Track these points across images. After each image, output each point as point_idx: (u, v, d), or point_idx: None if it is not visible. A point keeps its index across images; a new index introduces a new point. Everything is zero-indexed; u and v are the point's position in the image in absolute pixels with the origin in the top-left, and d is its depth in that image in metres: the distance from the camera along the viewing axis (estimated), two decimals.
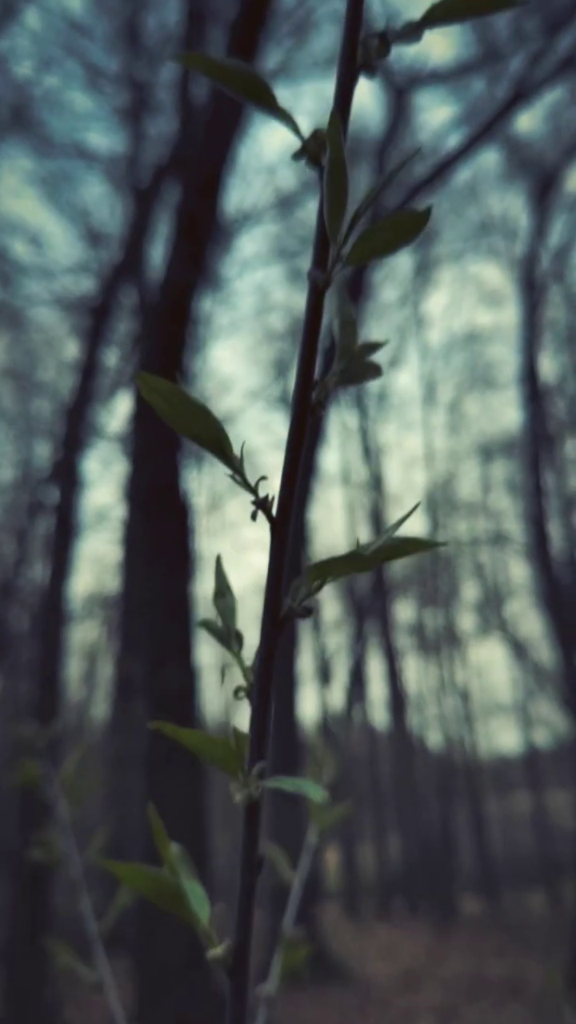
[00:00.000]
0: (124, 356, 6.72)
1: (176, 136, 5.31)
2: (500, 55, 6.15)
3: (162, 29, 5.42)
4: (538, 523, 7.24)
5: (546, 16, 5.92)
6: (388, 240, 0.23)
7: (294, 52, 6.14)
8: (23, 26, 4.81)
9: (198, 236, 4.94)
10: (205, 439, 0.24)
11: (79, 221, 6.03)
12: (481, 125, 5.95)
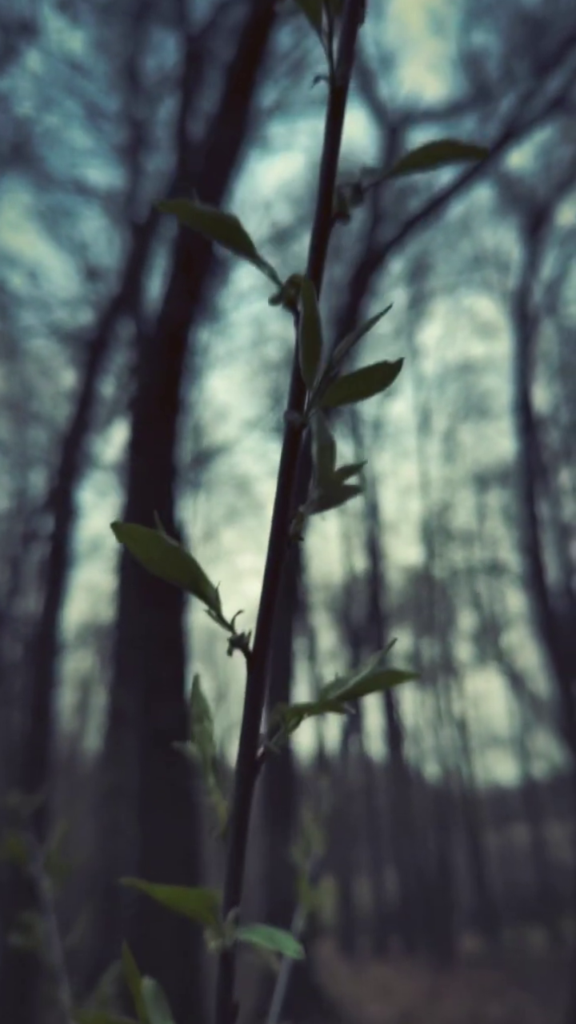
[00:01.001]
0: (121, 386, 6.76)
1: (174, 172, 5.40)
2: (491, 95, 6.29)
3: (160, 69, 5.54)
4: (534, 553, 7.24)
5: (535, 59, 6.07)
6: (361, 388, 0.23)
7: (290, 90, 6.28)
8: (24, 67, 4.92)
9: (195, 270, 5.01)
10: (182, 579, 0.24)
11: (77, 254, 6.10)
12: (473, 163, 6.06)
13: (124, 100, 5.52)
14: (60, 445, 6.30)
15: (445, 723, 9.51)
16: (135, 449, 5.90)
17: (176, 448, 5.67)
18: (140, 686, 4.64)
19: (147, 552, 0.24)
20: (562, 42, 5.90)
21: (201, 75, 5.47)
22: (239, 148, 5.26)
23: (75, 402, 6.25)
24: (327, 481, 0.26)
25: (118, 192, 5.74)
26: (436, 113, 6.38)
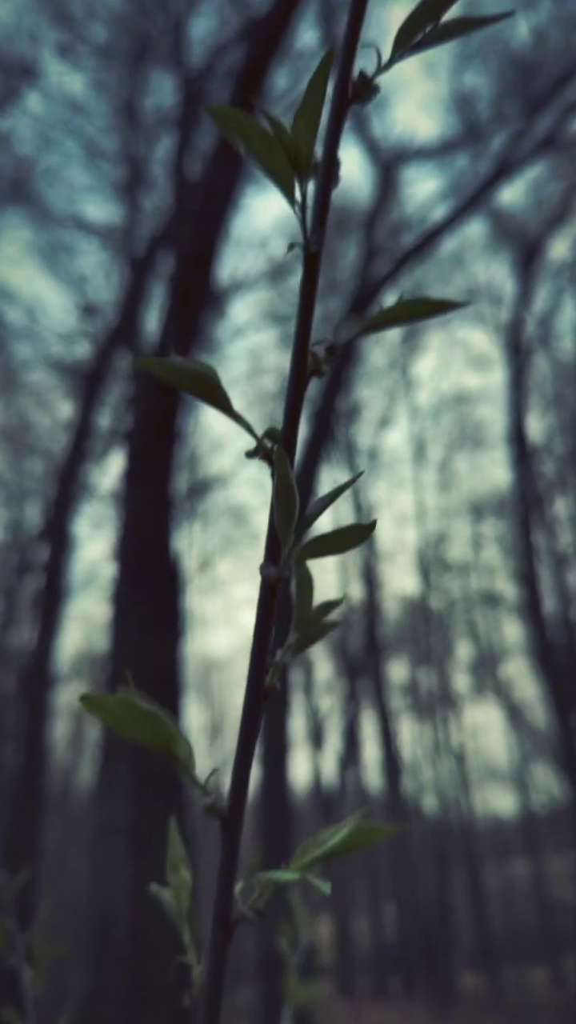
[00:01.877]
0: (117, 418, 6.79)
1: (171, 209, 5.49)
2: (483, 134, 6.42)
3: (158, 109, 5.65)
4: (530, 583, 7.23)
5: (525, 99, 6.21)
6: (336, 545, 0.23)
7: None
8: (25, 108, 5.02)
9: (191, 305, 5.06)
10: (155, 743, 0.24)
11: (76, 288, 6.17)
12: (465, 199, 6.17)
13: (122, 139, 5.62)
14: (56, 476, 6.31)
15: (443, 755, 9.42)
16: (131, 480, 5.90)
17: (172, 479, 5.68)
18: None
19: (119, 719, 0.24)
20: (551, 83, 6.05)
21: (198, 115, 5.58)
22: (235, 185, 5.34)
23: (71, 433, 6.27)
24: (306, 621, 0.26)
25: (116, 228, 5.82)
26: (429, 151, 6.51)
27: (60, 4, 5.50)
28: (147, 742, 0.24)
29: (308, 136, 0.21)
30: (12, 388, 6.62)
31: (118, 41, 5.60)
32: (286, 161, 0.21)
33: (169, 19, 5.66)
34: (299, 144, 0.21)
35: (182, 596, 5.52)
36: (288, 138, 0.21)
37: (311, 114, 0.21)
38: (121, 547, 6.09)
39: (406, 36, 0.22)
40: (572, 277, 7.07)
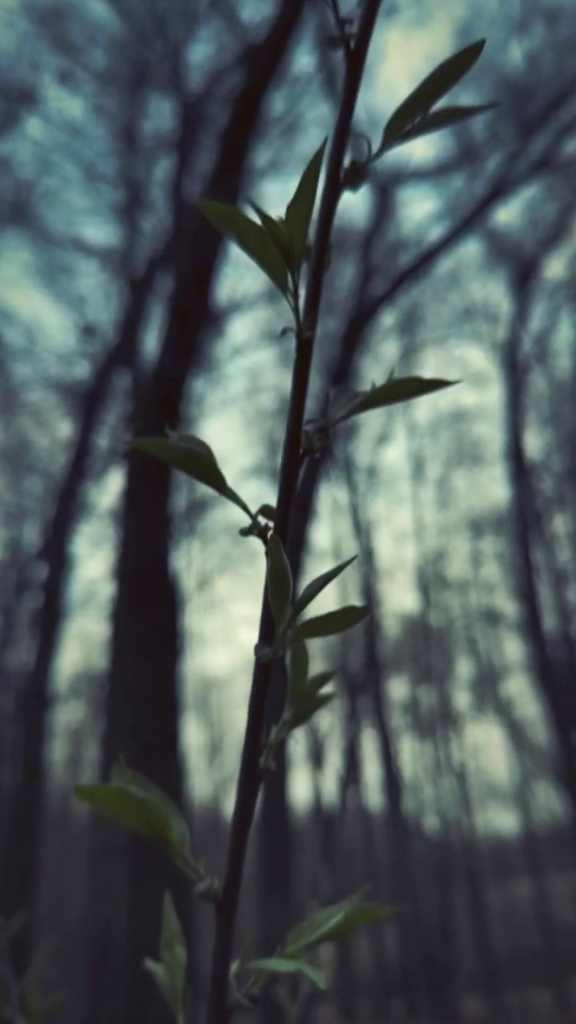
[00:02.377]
0: (116, 437, 6.80)
1: (169, 231, 5.54)
2: (478, 156, 6.49)
3: (157, 133, 5.72)
4: (530, 600, 7.22)
5: (520, 122, 6.29)
6: (331, 626, 0.23)
7: (283, 150, 6.48)
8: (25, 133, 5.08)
9: (190, 326, 5.09)
10: (148, 831, 0.24)
11: (75, 309, 6.20)
12: (461, 219, 6.23)
13: (121, 162, 5.68)
14: (55, 495, 6.31)
15: (444, 774, 9.35)
16: (130, 499, 5.91)
17: (171, 497, 5.68)
18: (132, 741, 4.57)
19: (113, 809, 0.23)
20: (545, 106, 6.13)
21: (197, 138, 5.65)
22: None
23: (70, 452, 6.28)
24: (301, 696, 0.26)
25: (115, 249, 5.87)
26: (425, 173, 6.58)
27: (61, 31, 5.58)
28: (141, 830, 0.24)
29: (300, 231, 0.22)
30: (11, 408, 6.64)
31: (117, 67, 5.68)
32: (278, 254, 0.22)
33: (168, 45, 5.74)
34: (291, 238, 0.21)
35: (181, 615, 5.50)
36: (280, 232, 0.21)
37: (303, 209, 0.22)
38: (120, 566, 6.09)
39: (397, 126, 0.23)
40: (568, 296, 7.13)
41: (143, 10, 5.70)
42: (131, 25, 5.76)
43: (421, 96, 0.22)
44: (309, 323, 0.23)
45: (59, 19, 5.61)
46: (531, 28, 5.95)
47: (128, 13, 5.74)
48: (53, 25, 5.55)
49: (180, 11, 5.74)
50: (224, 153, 5.34)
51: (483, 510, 8.86)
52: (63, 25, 5.59)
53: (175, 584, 5.52)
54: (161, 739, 4.49)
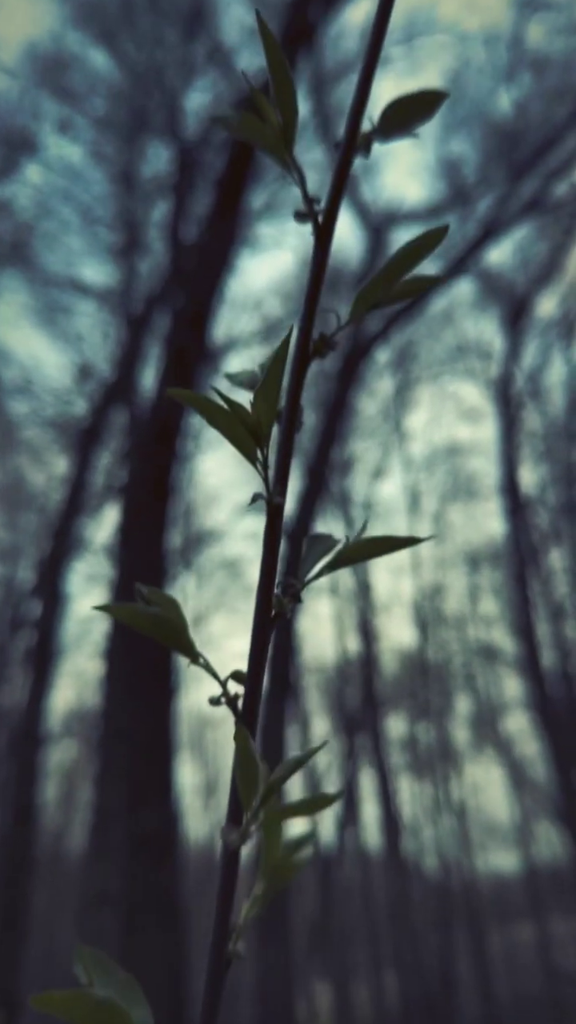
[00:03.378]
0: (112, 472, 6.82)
1: (167, 271, 5.62)
2: (469, 198, 6.62)
3: (154, 177, 5.83)
4: (527, 636, 7.19)
5: (510, 165, 6.44)
6: (302, 811, 0.23)
7: (279, 193, 6.61)
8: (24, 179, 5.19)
9: (187, 364, 5.14)
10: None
11: (72, 346, 6.26)
12: (454, 260, 6.34)
13: (119, 205, 5.79)
14: (49, 532, 6.30)
15: (444, 813, 9.21)
16: (125, 535, 5.90)
17: (166, 534, 5.67)
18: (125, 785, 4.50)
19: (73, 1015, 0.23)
20: (534, 151, 6.28)
21: (193, 182, 5.77)
22: (230, 249, 5.48)
23: (66, 489, 6.29)
24: (273, 869, 0.25)
25: (113, 289, 5.95)
26: (417, 214, 6.70)
27: (61, 80, 5.72)
28: None
29: (268, 413, 0.22)
30: (7, 445, 6.66)
31: (116, 114, 5.82)
32: (247, 434, 0.22)
33: (165, 93, 5.89)
34: (259, 420, 0.22)
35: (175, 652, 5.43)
36: (248, 416, 0.22)
37: (271, 394, 0.22)
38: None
39: (365, 301, 0.23)
40: (560, 333, 7.22)
41: (142, 60, 5.86)
42: (130, 74, 5.91)
43: (389, 271, 0.23)
44: (280, 489, 0.23)
45: (60, 68, 5.76)
46: (519, 77, 6.12)
47: (127, 63, 5.90)
48: (54, 74, 5.70)
49: (178, 61, 5.90)
50: (220, 197, 5.45)
51: (480, 544, 8.86)
52: (64, 74, 5.74)
53: None
54: (155, 779, 4.43)
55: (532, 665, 7.03)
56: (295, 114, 0.23)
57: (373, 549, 0.24)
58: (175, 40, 5.92)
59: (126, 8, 5.82)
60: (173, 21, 5.90)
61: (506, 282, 7.19)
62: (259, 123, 0.24)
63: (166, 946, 4.11)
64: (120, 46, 5.86)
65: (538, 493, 7.90)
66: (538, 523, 7.85)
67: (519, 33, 6.04)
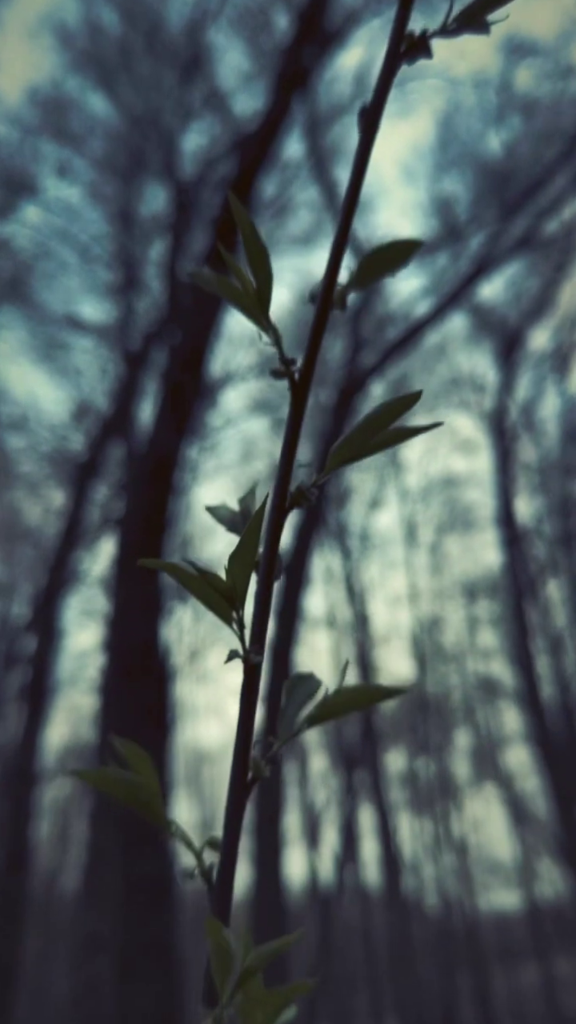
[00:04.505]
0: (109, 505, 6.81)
1: (164, 309, 5.68)
2: (461, 236, 6.74)
3: (152, 216, 5.93)
4: (526, 668, 7.14)
5: (501, 203, 6.56)
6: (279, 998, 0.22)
7: (274, 231, 6.72)
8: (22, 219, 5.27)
9: (184, 400, 5.17)
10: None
11: (70, 381, 6.31)
12: (447, 295, 6.42)
13: (117, 244, 5.87)
14: (44, 566, 6.28)
15: (445, 850, 9.06)
16: (121, 568, 5.88)
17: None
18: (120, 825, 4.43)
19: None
20: (524, 190, 6.41)
21: (190, 221, 5.86)
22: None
23: (62, 523, 6.28)
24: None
25: (110, 326, 6.01)
26: None
27: (60, 122, 5.84)
28: None
29: (243, 577, 0.22)
30: (3, 480, 6.67)
31: (114, 155, 5.93)
32: (222, 599, 0.22)
33: (163, 135, 6.01)
34: (234, 584, 0.21)
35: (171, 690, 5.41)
36: (221, 583, 0.21)
37: (246, 557, 0.22)
38: (110, 638, 6.01)
39: (341, 455, 0.23)
40: (552, 367, 7.30)
41: (140, 103, 5.99)
42: (128, 117, 6.04)
43: (364, 430, 0.23)
44: (256, 648, 0.23)
45: (60, 112, 5.89)
46: (508, 120, 6.27)
47: (125, 106, 6.03)
48: (54, 117, 5.83)
49: (175, 104, 6.03)
50: (216, 236, 5.54)
51: (477, 575, 8.84)
52: (63, 117, 5.86)
53: (166, 656, 5.45)
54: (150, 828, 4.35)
55: (531, 698, 6.97)
56: (270, 282, 0.24)
57: (358, 699, 0.24)
58: (172, 84, 6.06)
59: (125, 53, 5.97)
60: (170, 66, 6.05)
61: (499, 316, 7.29)
62: (236, 288, 0.24)
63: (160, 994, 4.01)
64: (119, 90, 6.00)
65: (535, 524, 7.92)
66: (535, 554, 7.85)
67: (508, 78, 6.20)
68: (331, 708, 0.24)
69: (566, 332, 7.23)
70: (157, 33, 5.81)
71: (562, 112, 6.14)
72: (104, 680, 6.44)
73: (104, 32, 5.79)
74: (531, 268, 7.14)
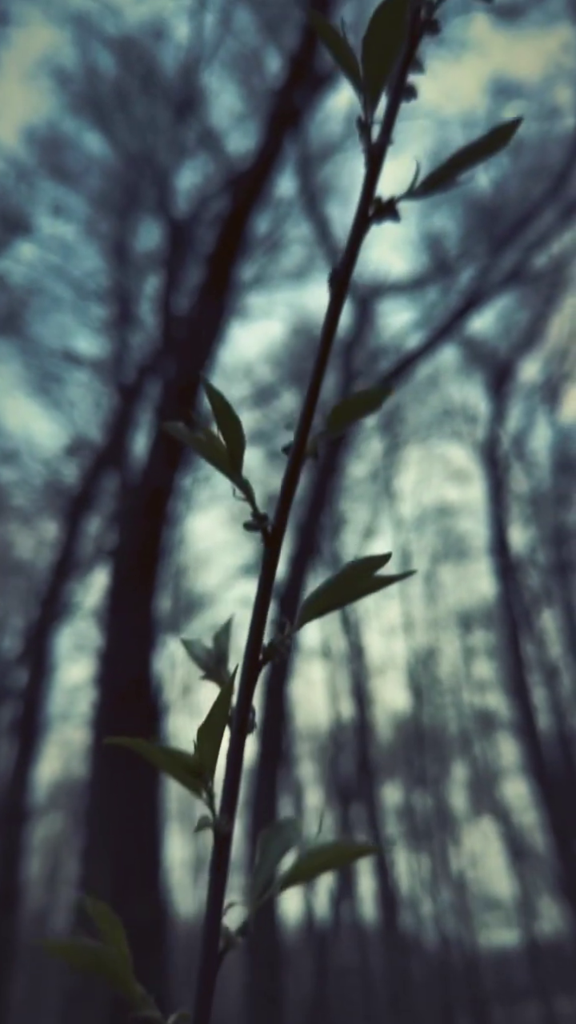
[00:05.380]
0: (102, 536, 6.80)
1: (158, 343, 5.73)
2: (452, 270, 6.84)
3: (146, 253, 6.01)
4: (522, 698, 7.10)
5: (490, 239, 6.68)
6: None
7: (267, 266, 6.81)
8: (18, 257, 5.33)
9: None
10: None
11: (64, 414, 6.33)
12: (438, 329, 6.50)
13: (112, 279, 5.94)
14: (37, 599, 6.24)
15: (442, 884, 8.91)
16: (114, 599, 5.84)
17: (156, 601, 5.63)
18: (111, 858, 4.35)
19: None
20: (512, 226, 6.52)
21: (184, 257, 5.94)
22: (221, 321, 5.60)
23: (54, 555, 6.25)
24: None
25: (105, 360, 6.05)
26: (402, 286, 6.90)
27: (57, 161, 5.94)
28: None
29: (211, 752, 0.22)
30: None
31: (110, 192, 6.02)
32: (189, 775, 0.22)
33: (157, 173, 6.11)
34: (202, 760, 0.21)
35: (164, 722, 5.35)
36: (190, 760, 0.21)
37: (213, 733, 0.22)
38: (102, 672, 5.95)
39: (310, 612, 0.23)
40: (543, 398, 7.37)
41: (135, 143, 6.10)
42: (123, 155, 6.15)
43: (335, 588, 0.23)
44: (227, 818, 0.22)
45: (57, 151, 5.99)
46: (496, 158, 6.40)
47: (121, 145, 6.14)
48: (51, 156, 5.92)
49: (170, 143, 6.14)
50: (211, 271, 5.61)
51: (472, 605, 8.82)
52: (60, 156, 5.96)
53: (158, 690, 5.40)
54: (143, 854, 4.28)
55: (528, 729, 6.92)
56: (242, 446, 0.24)
57: (331, 859, 0.24)
58: (167, 124, 6.18)
59: (121, 95, 6.09)
60: (165, 106, 6.18)
61: (489, 349, 7.37)
62: (210, 446, 0.24)
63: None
64: (115, 130, 6.11)
65: (528, 554, 7.92)
66: (529, 583, 7.84)
67: (495, 118, 6.35)
68: (304, 871, 0.23)
69: (555, 364, 7.31)
70: (152, 75, 5.94)
71: (548, 151, 6.28)
72: (96, 714, 6.36)
73: (100, 75, 5.92)
74: (521, 301, 7.25)
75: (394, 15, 0.20)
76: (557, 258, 6.48)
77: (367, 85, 0.22)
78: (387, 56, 0.21)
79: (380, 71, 0.22)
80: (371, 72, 0.22)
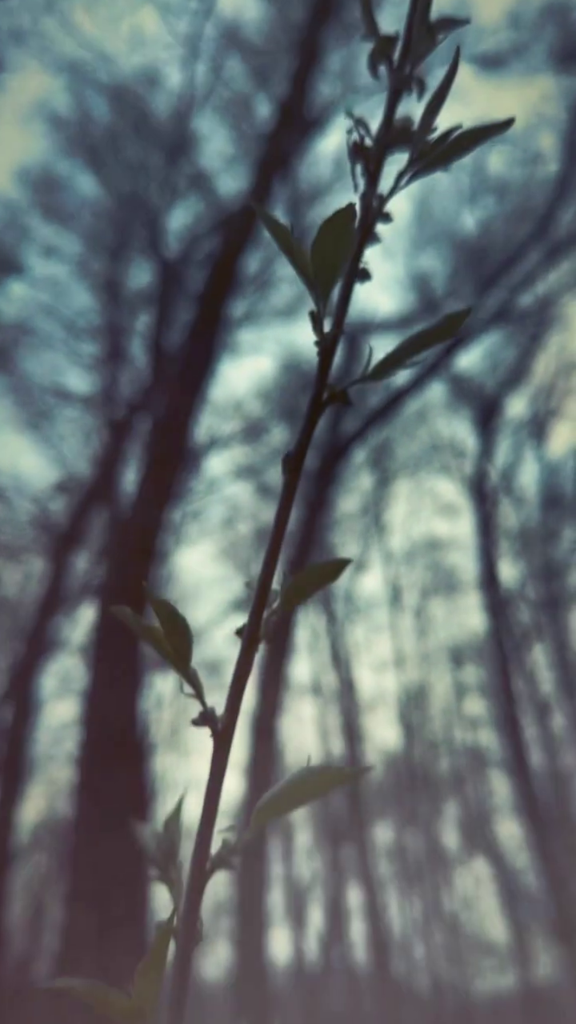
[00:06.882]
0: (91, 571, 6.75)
1: (148, 379, 5.77)
2: (438, 309, 6.96)
3: (137, 291, 6.08)
4: (513, 734, 7.05)
5: (476, 278, 6.81)
6: None
7: (258, 303, 6.90)
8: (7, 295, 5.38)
9: (167, 470, 5.21)
10: None
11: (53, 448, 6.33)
12: (426, 366, 6.59)
13: (102, 317, 6.00)
14: (22, 636, 6.17)
15: (435, 927, 8.73)
16: (101, 635, 5.79)
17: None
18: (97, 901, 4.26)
19: None
20: (498, 266, 6.66)
21: (175, 294, 6.01)
22: (211, 357, 5.66)
23: (41, 591, 6.20)
24: None
25: (95, 395, 6.08)
26: (390, 324, 7.00)
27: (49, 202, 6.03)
28: None
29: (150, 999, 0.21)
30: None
31: (101, 232, 6.11)
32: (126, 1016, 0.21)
33: (149, 213, 6.21)
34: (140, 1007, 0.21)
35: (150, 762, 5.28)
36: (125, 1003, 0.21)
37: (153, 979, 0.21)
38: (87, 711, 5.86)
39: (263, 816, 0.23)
40: (530, 433, 7.45)
41: (127, 184, 6.21)
42: (115, 196, 6.25)
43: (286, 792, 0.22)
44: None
45: (48, 191, 6.08)
46: (482, 200, 6.55)
47: (113, 186, 6.25)
48: (43, 197, 6.02)
49: (161, 184, 6.26)
50: (201, 309, 5.68)
51: (462, 638, 8.79)
52: (52, 197, 6.06)
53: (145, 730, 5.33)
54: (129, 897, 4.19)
55: (519, 766, 6.86)
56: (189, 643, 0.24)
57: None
58: (159, 166, 6.30)
59: (113, 138, 6.21)
60: (157, 149, 6.30)
61: (476, 385, 7.47)
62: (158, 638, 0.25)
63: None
64: (107, 172, 6.22)
65: (518, 588, 7.93)
66: (520, 618, 7.84)
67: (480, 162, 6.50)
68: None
69: (542, 400, 7.41)
70: (145, 120, 6.07)
71: (532, 194, 6.43)
72: (80, 754, 6.25)
73: (94, 119, 6.04)
74: (507, 339, 7.36)
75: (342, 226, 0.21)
76: (542, 298, 6.61)
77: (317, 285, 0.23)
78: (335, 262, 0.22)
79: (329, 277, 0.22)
80: (321, 277, 0.22)
